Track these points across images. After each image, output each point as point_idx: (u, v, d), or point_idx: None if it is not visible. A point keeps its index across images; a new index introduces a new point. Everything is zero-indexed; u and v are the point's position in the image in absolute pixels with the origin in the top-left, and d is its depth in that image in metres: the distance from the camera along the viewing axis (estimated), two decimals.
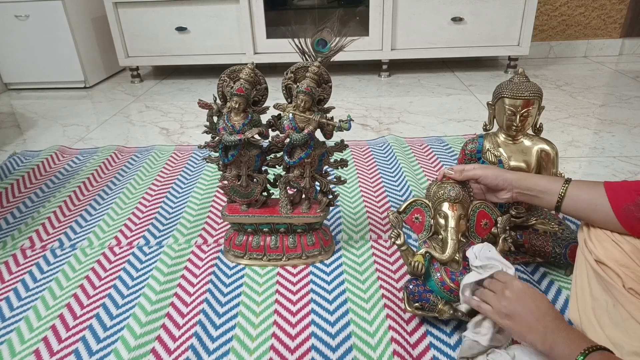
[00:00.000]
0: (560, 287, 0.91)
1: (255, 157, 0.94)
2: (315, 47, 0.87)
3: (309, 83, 0.86)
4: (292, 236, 1.00)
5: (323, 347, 0.80)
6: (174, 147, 1.65)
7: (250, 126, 0.90)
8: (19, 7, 2.26)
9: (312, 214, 0.97)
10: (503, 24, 2.26)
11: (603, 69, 2.44)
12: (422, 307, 0.80)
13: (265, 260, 1.01)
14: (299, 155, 0.90)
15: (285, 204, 0.97)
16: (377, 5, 2.21)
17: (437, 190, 0.82)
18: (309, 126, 0.87)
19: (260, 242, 1.00)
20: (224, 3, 2.28)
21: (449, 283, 0.77)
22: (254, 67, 0.90)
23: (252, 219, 0.98)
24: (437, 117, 1.86)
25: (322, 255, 1.01)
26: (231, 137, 0.89)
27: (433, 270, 0.79)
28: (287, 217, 0.97)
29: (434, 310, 0.79)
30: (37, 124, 1.99)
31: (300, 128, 0.88)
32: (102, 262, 1.05)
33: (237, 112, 0.90)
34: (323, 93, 0.90)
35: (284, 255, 1.00)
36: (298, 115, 0.88)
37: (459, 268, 0.78)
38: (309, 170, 0.92)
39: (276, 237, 1.00)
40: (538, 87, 0.89)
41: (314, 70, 0.87)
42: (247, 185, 0.96)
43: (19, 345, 0.84)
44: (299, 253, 1.00)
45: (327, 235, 1.03)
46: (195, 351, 0.80)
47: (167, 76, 2.68)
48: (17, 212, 1.27)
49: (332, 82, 0.90)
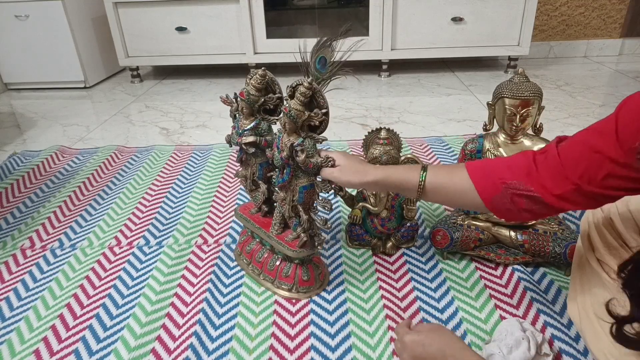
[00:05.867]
0: (560, 287, 0.91)
1: (259, 165, 0.91)
2: (316, 65, 0.77)
3: (293, 104, 0.75)
4: (274, 257, 0.94)
5: (322, 347, 0.80)
6: (174, 147, 1.65)
7: (252, 132, 0.87)
8: (19, 7, 2.26)
9: (290, 245, 0.87)
10: (503, 24, 2.26)
11: (603, 69, 2.44)
12: (360, 244, 1.05)
13: (250, 268, 0.97)
14: (281, 177, 0.83)
15: (275, 223, 0.91)
16: (377, 5, 2.21)
17: (372, 152, 0.94)
18: (283, 151, 0.79)
19: (252, 249, 0.98)
20: (224, 3, 2.28)
21: (379, 228, 1.00)
22: (266, 73, 0.83)
23: (248, 223, 0.96)
24: (437, 117, 1.86)
25: (292, 293, 0.91)
26: (233, 138, 0.90)
27: (368, 218, 1.00)
28: (269, 236, 0.91)
29: (369, 244, 1.04)
30: (37, 124, 1.99)
31: (282, 150, 0.80)
32: (102, 262, 1.05)
33: (244, 116, 0.88)
34: (313, 119, 0.76)
35: (261, 272, 0.95)
36: (285, 136, 0.79)
37: (388, 215, 0.99)
38: (290, 198, 0.84)
39: (263, 251, 0.96)
40: (538, 87, 0.89)
41: (301, 90, 0.74)
42: (252, 190, 0.95)
43: (19, 345, 0.84)
44: (272, 278, 0.93)
45: (307, 276, 0.90)
46: (195, 351, 0.80)
47: (167, 76, 2.68)
48: (17, 212, 1.27)
49: (328, 109, 0.77)
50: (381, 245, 1.03)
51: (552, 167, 0.61)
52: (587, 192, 0.58)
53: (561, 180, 0.59)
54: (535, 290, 0.90)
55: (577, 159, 0.58)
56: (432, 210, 1.19)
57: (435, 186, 0.71)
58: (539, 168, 0.62)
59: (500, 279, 0.94)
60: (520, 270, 0.95)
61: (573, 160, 0.59)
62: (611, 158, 0.55)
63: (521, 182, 0.62)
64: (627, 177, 0.55)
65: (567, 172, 0.59)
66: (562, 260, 0.91)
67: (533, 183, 0.62)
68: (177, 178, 1.43)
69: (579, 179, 0.58)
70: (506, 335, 0.73)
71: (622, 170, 0.54)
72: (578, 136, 0.60)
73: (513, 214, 0.65)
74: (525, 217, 0.66)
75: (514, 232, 0.95)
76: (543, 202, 0.61)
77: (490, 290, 0.91)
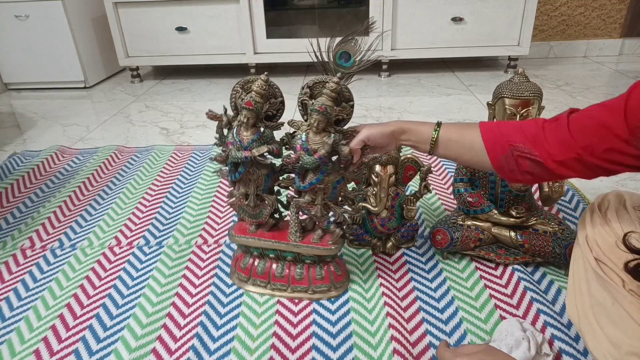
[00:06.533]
0: (561, 287, 0.91)
1: (265, 177, 0.85)
2: (337, 61, 0.78)
3: (325, 101, 0.76)
4: (299, 266, 0.90)
5: (324, 347, 0.80)
6: (174, 147, 1.65)
7: (260, 143, 0.81)
8: (19, 7, 2.26)
9: (323, 245, 0.86)
10: (503, 24, 2.26)
11: (603, 69, 2.44)
12: (360, 244, 1.05)
13: (269, 288, 0.92)
14: (310, 180, 0.80)
15: (295, 230, 0.87)
16: (377, 5, 2.21)
17: None
18: (322, 149, 0.77)
19: (266, 268, 0.91)
20: (224, 3, 2.28)
21: (379, 228, 1.00)
22: (268, 78, 0.80)
23: (259, 242, 0.89)
24: (437, 117, 1.86)
25: (332, 292, 0.90)
26: (238, 154, 0.81)
27: (368, 218, 1.00)
28: (295, 245, 0.87)
29: (369, 244, 1.04)
30: (37, 124, 1.99)
31: (312, 150, 0.78)
32: (102, 262, 1.05)
33: (246, 127, 0.81)
34: (342, 112, 0.80)
35: (289, 286, 0.91)
36: (312, 135, 0.79)
37: (388, 215, 0.98)
38: (321, 197, 0.82)
39: (282, 264, 0.91)
40: (538, 87, 0.89)
41: (331, 87, 0.76)
42: (256, 206, 0.88)
43: (19, 345, 0.84)
44: (306, 286, 0.90)
45: (339, 270, 0.91)
46: (196, 351, 0.80)
47: (167, 76, 2.68)
48: (17, 212, 1.27)
49: (354, 101, 0.80)
50: (381, 245, 1.03)
51: (559, 135, 0.65)
52: (588, 162, 0.63)
53: (565, 148, 0.64)
54: (535, 290, 0.90)
55: (584, 131, 0.63)
56: (432, 210, 1.19)
57: (447, 140, 0.76)
58: (546, 135, 0.67)
59: (500, 279, 0.94)
60: (520, 270, 0.95)
61: (580, 131, 0.63)
62: (615, 133, 0.59)
63: (527, 145, 0.68)
64: (627, 154, 0.60)
65: (572, 141, 0.63)
66: (562, 260, 0.91)
67: (538, 148, 0.67)
68: (177, 178, 1.43)
69: (582, 149, 0.62)
70: (506, 335, 0.73)
71: (623, 146, 0.59)
72: (589, 110, 0.65)
73: (515, 174, 0.70)
74: (527, 179, 0.71)
75: (514, 232, 0.96)
76: (544, 166, 0.66)
77: (490, 290, 0.91)
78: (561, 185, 0.91)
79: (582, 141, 0.63)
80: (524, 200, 0.97)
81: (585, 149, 0.62)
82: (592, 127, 0.62)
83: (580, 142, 0.63)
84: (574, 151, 0.63)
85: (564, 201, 1.19)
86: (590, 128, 0.62)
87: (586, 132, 0.63)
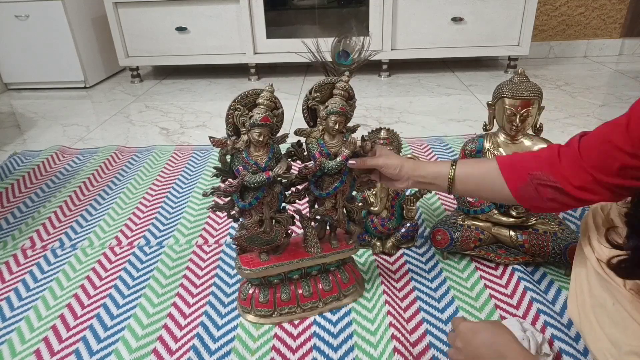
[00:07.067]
0: (561, 287, 0.91)
1: (279, 195, 0.79)
2: (337, 60, 0.77)
3: (340, 101, 0.74)
4: (325, 277, 0.88)
5: (325, 347, 0.80)
6: (174, 147, 1.65)
7: (275, 160, 0.76)
8: (19, 7, 2.26)
9: (345, 247, 0.85)
10: (503, 24, 2.26)
11: (603, 69, 2.44)
12: (360, 244, 1.02)
13: (299, 312, 0.86)
14: (333, 185, 0.78)
15: (315, 242, 0.84)
16: (377, 5, 2.21)
17: None
18: (345, 150, 0.76)
19: (291, 293, 0.86)
20: (224, 3, 2.28)
21: (379, 228, 1.01)
22: (273, 89, 0.74)
23: (281, 267, 0.83)
24: (437, 117, 1.86)
25: (359, 290, 0.91)
26: (257, 177, 0.73)
27: (368, 218, 1.02)
28: (320, 256, 0.84)
29: (369, 244, 1.04)
30: (37, 124, 1.99)
31: (333, 154, 0.77)
32: (102, 262, 1.05)
33: (257, 147, 0.74)
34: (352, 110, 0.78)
35: (319, 300, 0.87)
36: (328, 139, 0.76)
37: (388, 215, 1.01)
38: (341, 200, 0.81)
39: (308, 282, 0.87)
40: (538, 87, 0.89)
41: (342, 86, 0.75)
42: (271, 230, 0.81)
43: (20, 345, 0.84)
44: (336, 294, 0.88)
45: (356, 267, 0.93)
46: (197, 351, 0.80)
47: (167, 76, 2.68)
48: (17, 212, 1.27)
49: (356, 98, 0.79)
50: (381, 245, 1.03)
51: (572, 158, 0.64)
52: (604, 183, 0.61)
53: (579, 170, 0.63)
54: (535, 290, 0.90)
55: (591, 149, 0.62)
56: (432, 210, 1.19)
57: (465, 176, 0.75)
58: (561, 160, 0.66)
59: (500, 279, 0.94)
60: (520, 270, 0.95)
61: (588, 150, 0.63)
62: (619, 147, 0.58)
63: (545, 172, 0.66)
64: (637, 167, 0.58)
65: (583, 162, 0.63)
66: (562, 260, 0.91)
67: (556, 174, 0.65)
68: (177, 178, 1.43)
69: (592, 168, 0.61)
70: None
71: (633, 161, 0.58)
72: (596, 129, 0.64)
73: (538, 202, 0.69)
74: (552, 207, 0.69)
75: (514, 232, 0.96)
76: (564, 192, 0.65)
77: (490, 290, 0.91)
78: None
79: (590, 160, 0.62)
80: None
81: (595, 168, 0.61)
82: (597, 144, 0.62)
83: (589, 161, 0.62)
84: (587, 172, 0.62)
85: None
86: (595, 145, 0.62)
87: (593, 150, 0.62)
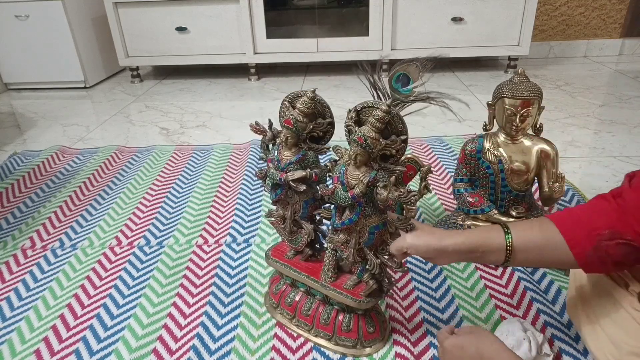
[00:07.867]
0: (561, 287, 0.91)
1: (304, 203, 0.77)
2: (393, 83, 0.66)
3: (367, 132, 0.63)
4: (327, 310, 0.80)
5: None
6: (174, 147, 1.65)
7: (299, 166, 0.74)
8: (19, 7, 2.26)
9: (353, 294, 0.74)
10: (503, 24, 2.26)
11: (603, 69, 2.44)
12: None
13: (294, 323, 0.83)
14: (345, 219, 0.69)
15: (328, 269, 0.77)
16: (377, 5, 2.21)
17: None
18: (357, 188, 0.65)
19: (294, 302, 0.83)
20: (224, 3, 2.28)
21: None
22: (315, 95, 0.70)
23: (290, 271, 0.81)
24: (437, 117, 1.86)
25: (357, 350, 0.77)
26: (275, 174, 0.75)
27: None
28: (323, 285, 0.77)
29: None
30: (37, 124, 1.99)
31: (348, 186, 0.67)
32: (102, 262, 1.05)
33: (287, 147, 0.74)
34: (390, 147, 0.65)
35: (312, 327, 0.81)
36: (351, 169, 0.67)
37: None
38: (356, 240, 0.70)
39: (311, 302, 0.81)
40: (538, 87, 0.89)
41: (378, 115, 0.63)
42: (292, 232, 0.80)
43: (20, 345, 0.84)
44: (330, 334, 0.79)
45: (371, 327, 0.78)
46: (197, 351, 0.80)
47: (167, 76, 2.68)
48: (17, 212, 1.27)
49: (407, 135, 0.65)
50: None
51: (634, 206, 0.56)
52: None
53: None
54: (535, 290, 0.90)
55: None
56: (432, 210, 1.19)
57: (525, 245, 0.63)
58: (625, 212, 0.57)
59: (501, 279, 0.94)
60: (520, 270, 0.95)
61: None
62: None
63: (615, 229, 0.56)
64: None
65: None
66: None
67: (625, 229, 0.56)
68: (177, 178, 1.43)
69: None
70: (507, 335, 0.73)
71: None
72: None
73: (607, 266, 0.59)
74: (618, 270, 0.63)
75: None
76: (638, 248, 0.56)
77: (491, 290, 0.91)
78: (561, 185, 0.91)
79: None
80: (524, 200, 0.97)
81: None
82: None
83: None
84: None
85: (564, 201, 1.19)
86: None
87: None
